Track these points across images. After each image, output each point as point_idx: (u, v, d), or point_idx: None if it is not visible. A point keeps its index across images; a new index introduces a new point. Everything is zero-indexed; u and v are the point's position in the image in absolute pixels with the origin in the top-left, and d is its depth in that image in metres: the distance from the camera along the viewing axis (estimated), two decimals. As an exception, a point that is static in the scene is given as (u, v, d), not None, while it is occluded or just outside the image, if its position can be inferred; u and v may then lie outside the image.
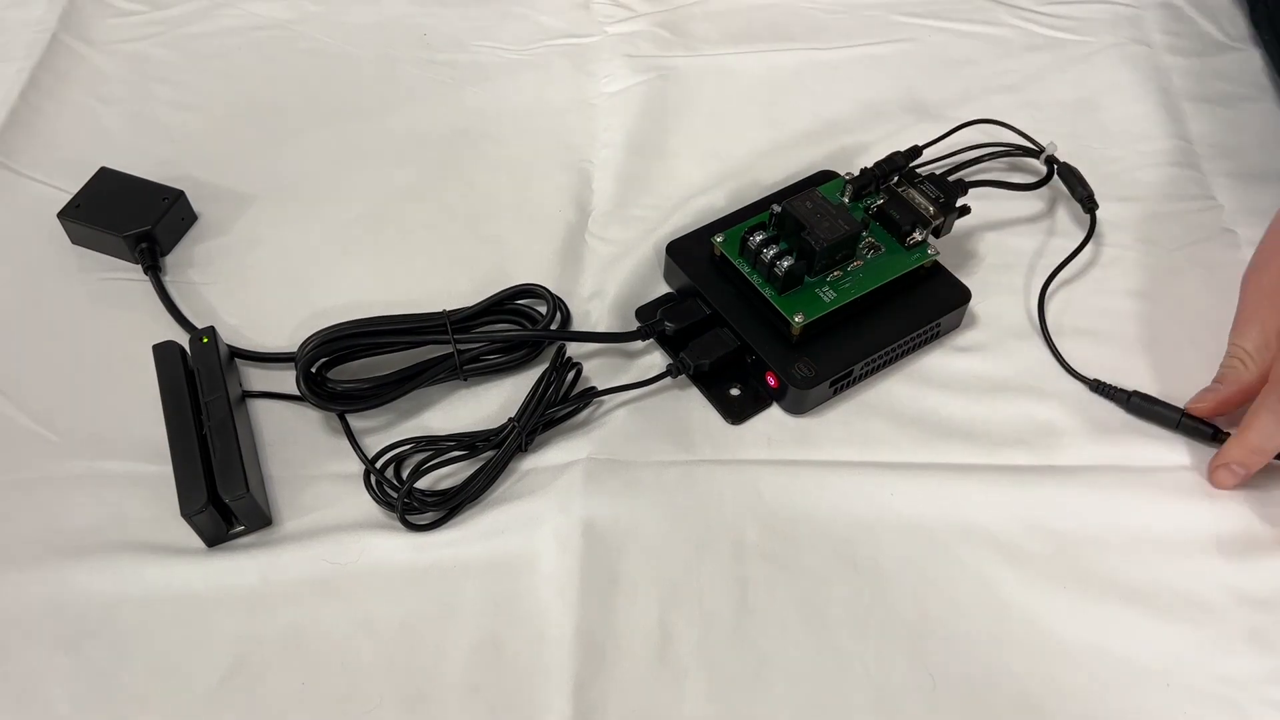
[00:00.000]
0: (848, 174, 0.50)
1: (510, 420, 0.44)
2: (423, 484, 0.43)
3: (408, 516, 0.43)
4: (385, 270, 0.52)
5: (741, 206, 0.51)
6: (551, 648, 0.40)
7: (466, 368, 0.46)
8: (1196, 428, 0.45)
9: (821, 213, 0.46)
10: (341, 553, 0.42)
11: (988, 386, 0.48)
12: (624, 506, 0.43)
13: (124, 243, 0.51)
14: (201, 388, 0.44)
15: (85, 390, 0.47)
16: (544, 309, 0.49)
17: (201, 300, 0.51)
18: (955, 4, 0.66)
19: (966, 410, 0.47)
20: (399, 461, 0.44)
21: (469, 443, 0.44)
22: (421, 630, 0.40)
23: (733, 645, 0.40)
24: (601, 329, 0.50)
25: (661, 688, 0.39)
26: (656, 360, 0.49)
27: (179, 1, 0.66)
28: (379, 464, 0.44)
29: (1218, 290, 0.49)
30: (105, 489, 0.44)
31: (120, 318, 0.50)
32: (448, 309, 0.47)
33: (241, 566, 0.42)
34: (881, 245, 0.48)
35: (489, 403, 0.47)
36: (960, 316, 0.49)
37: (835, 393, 0.47)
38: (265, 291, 0.51)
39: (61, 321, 0.50)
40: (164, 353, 0.46)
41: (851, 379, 0.47)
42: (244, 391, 0.47)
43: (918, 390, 0.47)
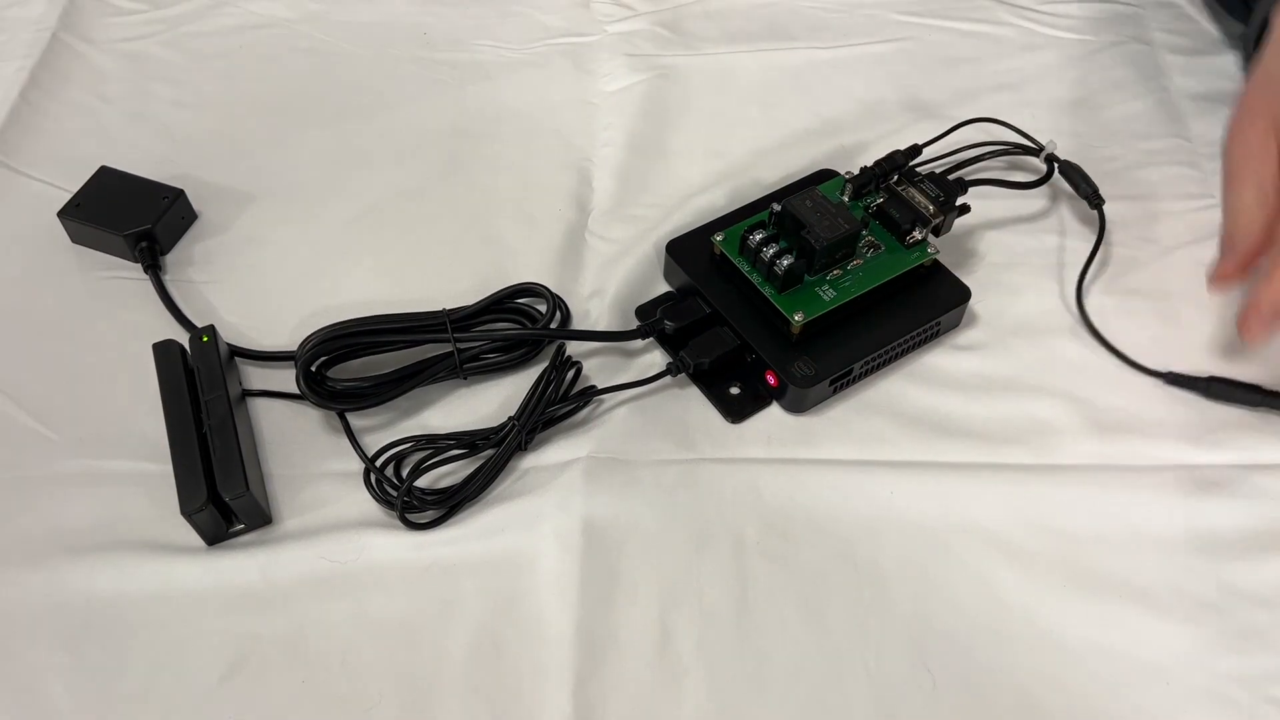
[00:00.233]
0: (847, 173, 0.50)
1: (510, 419, 0.44)
2: (422, 482, 0.43)
3: (408, 515, 0.43)
4: (385, 269, 0.52)
5: (741, 205, 0.51)
6: (551, 646, 0.40)
7: (466, 366, 0.46)
8: None
9: (821, 211, 0.46)
10: (341, 551, 0.42)
11: (988, 385, 0.47)
12: (624, 505, 0.43)
13: (124, 241, 0.51)
14: (201, 386, 0.44)
15: (85, 389, 0.47)
16: (544, 308, 0.49)
17: (201, 299, 0.51)
18: (955, 3, 0.66)
19: (966, 409, 0.47)
20: (399, 460, 0.44)
21: (469, 441, 0.44)
22: (421, 628, 0.40)
23: (732, 644, 0.40)
24: (601, 328, 0.50)
25: (661, 686, 0.39)
26: (656, 359, 0.49)
27: (179, 0, 0.66)
28: (379, 462, 0.44)
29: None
30: (105, 488, 0.44)
31: (120, 316, 0.50)
32: (447, 308, 0.47)
33: (241, 565, 0.42)
34: (881, 244, 0.48)
35: (489, 401, 0.47)
36: (960, 315, 0.49)
37: (835, 391, 0.47)
38: (265, 290, 0.51)
39: (61, 320, 0.50)
40: (164, 351, 0.46)
41: (851, 378, 0.47)
42: (244, 390, 0.47)
43: (918, 389, 0.47)
